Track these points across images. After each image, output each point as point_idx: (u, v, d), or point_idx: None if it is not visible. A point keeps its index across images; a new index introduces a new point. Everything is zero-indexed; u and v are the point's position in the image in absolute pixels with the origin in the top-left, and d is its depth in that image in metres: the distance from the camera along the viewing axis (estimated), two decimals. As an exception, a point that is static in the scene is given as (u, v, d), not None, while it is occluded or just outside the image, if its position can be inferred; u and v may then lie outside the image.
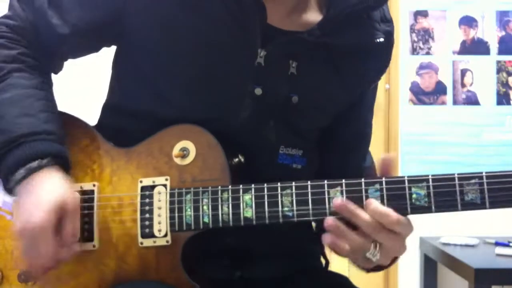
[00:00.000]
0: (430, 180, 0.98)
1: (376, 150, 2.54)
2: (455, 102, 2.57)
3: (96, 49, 1.19)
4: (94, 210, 1.08)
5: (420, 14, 2.59)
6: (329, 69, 1.13)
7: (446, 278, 2.61)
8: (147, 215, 1.06)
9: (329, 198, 1.00)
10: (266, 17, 1.08)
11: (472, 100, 2.57)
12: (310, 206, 1.01)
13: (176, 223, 1.04)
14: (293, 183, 1.02)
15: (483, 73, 2.57)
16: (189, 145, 1.07)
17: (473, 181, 0.98)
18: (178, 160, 1.07)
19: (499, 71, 2.58)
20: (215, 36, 1.07)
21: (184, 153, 1.07)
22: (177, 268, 1.05)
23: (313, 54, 1.11)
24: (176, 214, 1.04)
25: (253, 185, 1.03)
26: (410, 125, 2.56)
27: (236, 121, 1.09)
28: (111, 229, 1.07)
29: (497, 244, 2.31)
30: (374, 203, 0.96)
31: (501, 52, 2.58)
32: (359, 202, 0.99)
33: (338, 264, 1.96)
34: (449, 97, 2.57)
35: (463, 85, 2.57)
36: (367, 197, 0.98)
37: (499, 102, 2.57)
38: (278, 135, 1.12)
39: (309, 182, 1.02)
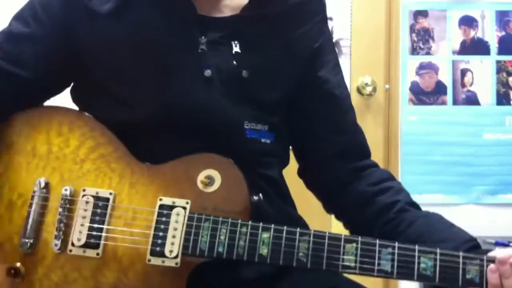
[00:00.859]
0: (438, 254, 1.03)
1: (376, 150, 2.54)
2: (455, 102, 2.57)
3: (57, 90, 1.25)
4: (106, 218, 1.07)
5: (420, 14, 2.59)
6: (272, 39, 1.19)
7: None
8: (161, 234, 1.05)
9: (343, 252, 1.04)
10: (195, 9, 1.14)
11: (472, 100, 2.57)
12: (325, 257, 1.03)
13: (189, 247, 1.04)
14: (312, 231, 1.05)
15: (483, 73, 2.57)
16: (216, 175, 1.08)
17: (475, 261, 1.03)
18: (201, 186, 1.07)
19: (499, 71, 2.58)
20: (153, 37, 1.13)
21: (209, 181, 1.07)
22: None
23: (253, 30, 1.17)
24: (192, 238, 1.04)
25: (273, 225, 1.04)
26: (410, 125, 2.56)
27: (197, 106, 1.12)
28: (118, 241, 1.06)
29: (497, 244, 2.31)
30: None
31: (501, 52, 2.58)
32: (370, 259, 1.03)
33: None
34: (449, 97, 2.57)
35: (463, 85, 2.57)
36: (379, 258, 1.03)
37: (499, 102, 2.57)
38: (239, 112, 1.14)
39: (327, 233, 1.05)
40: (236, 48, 1.15)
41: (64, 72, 1.20)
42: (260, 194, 1.09)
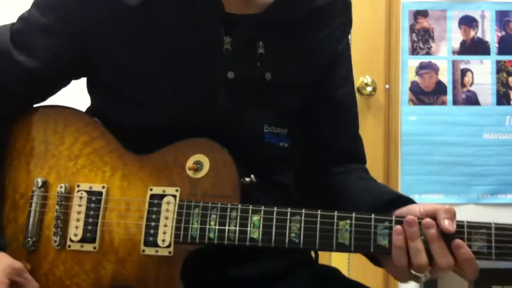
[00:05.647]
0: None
1: (376, 150, 2.54)
2: (455, 102, 2.57)
3: (65, 82, 1.21)
4: (100, 212, 1.08)
5: (420, 14, 2.59)
6: (295, 43, 1.17)
7: (446, 277, 2.61)
8: (153, 223, 1.06)
9: (337, 230, 1.01)
10: (223, 7, 1.12)
11: (472, 100, 2.57)
12: (318, 235, 1.01)
13: (181, 235, 1.04)
14: (303, 210, 1.03)
15: (483, 73, 2.57)
16: (204, 159, 1.07)
17: (481, 230, 0.99)
18: (190, 173, 1.07)
19: (499, 71, 2.58)
20: (177, 38, 1.11)
21: (197, 166, 1.07)
22: (175, 281, 1.04)
23: (277, 32, 1.15)
24: (182, 226, 1.04)
25: (263, 207, 1.04)
26: (410, 125, 2.56)
27: (216, 108, 1.11)
28: (114, 233, 1.07)
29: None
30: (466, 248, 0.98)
31: (501, 52, 2.58)
32: (366, 236, 1.00)
33: (338, 262, 1.96)
34: (449, 97, 2.57)
35: (463, 85, 2.57)
36: (375, 233, 1.00)
37: (499, 102, 2.57)
38: (260, 115, 1.13)
39: (319, 211, 1.02)
40: (261, 49, 1.13)
41: (75, 67, 1.18)
42: (252, 176, 1.08)
